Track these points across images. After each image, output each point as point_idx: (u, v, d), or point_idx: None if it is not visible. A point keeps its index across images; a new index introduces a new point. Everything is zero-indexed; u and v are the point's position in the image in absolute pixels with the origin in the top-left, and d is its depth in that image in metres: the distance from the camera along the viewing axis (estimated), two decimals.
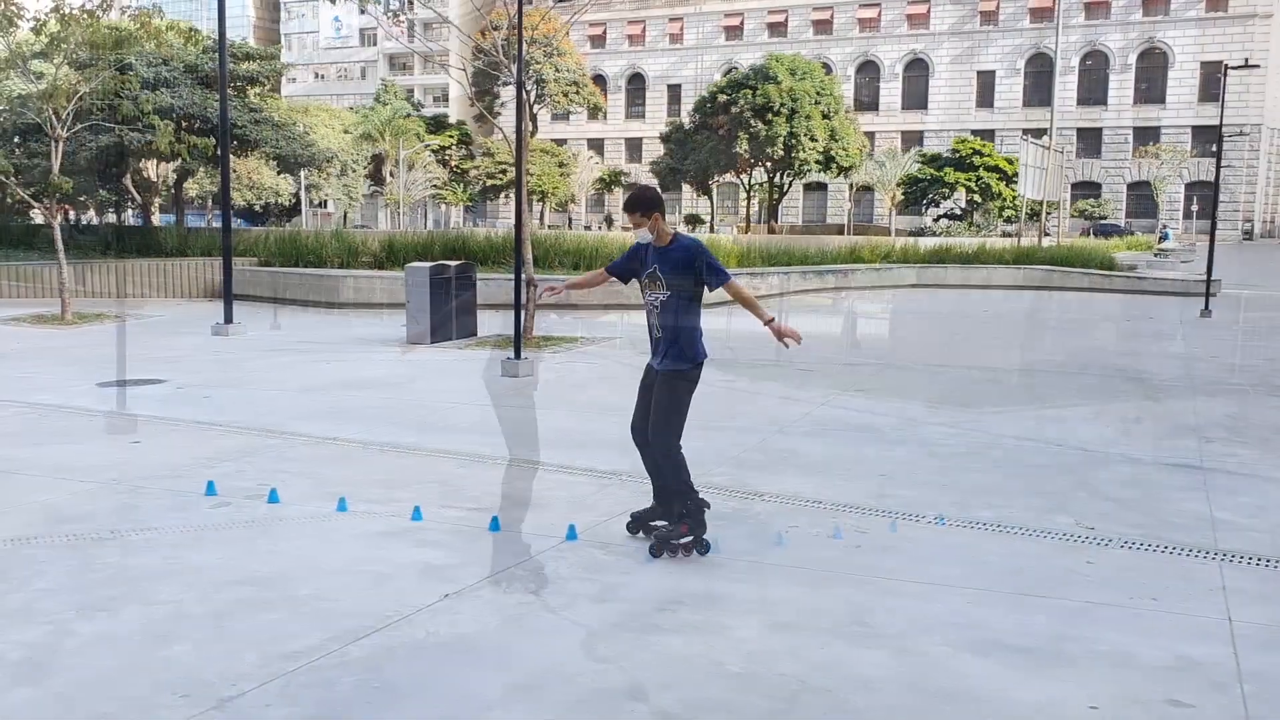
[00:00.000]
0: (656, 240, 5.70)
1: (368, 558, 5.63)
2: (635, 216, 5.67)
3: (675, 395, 5.75)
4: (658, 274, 5.66)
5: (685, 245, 5.72)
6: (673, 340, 5.71)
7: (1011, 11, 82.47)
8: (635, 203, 5.68)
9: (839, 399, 10.83)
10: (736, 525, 6.37)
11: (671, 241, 5.72)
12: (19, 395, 10.75)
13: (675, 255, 5.66)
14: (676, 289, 5.65)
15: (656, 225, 5.66)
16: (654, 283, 5.69)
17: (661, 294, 5.67)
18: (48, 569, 5.32)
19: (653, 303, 5.72)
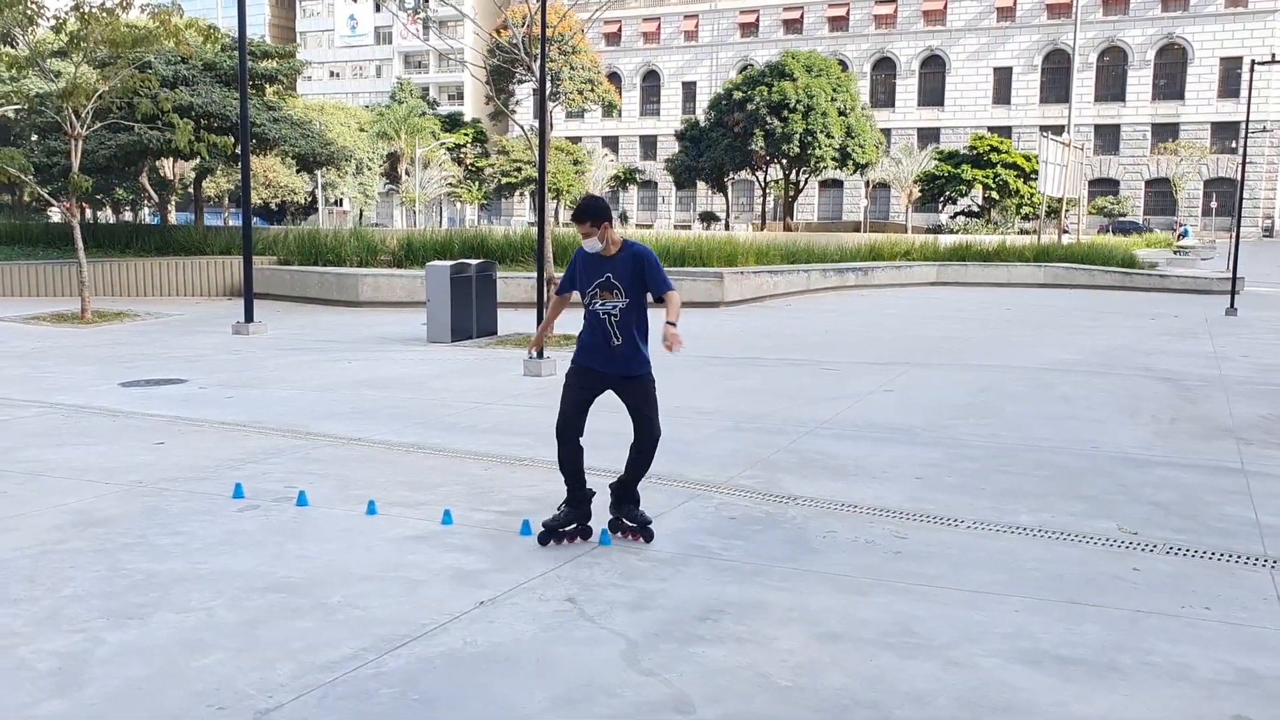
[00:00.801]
0: (605, 249, 5.72)
1: (399, 563, 5.53)
2: (585, 226, 5.67)
3: (654, 390, 5.98)
4: (613, 282, 5.69)
5: (636, 252, 5.74)
6: (635, 345, 5.78)
7: (1029, 7, 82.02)
8: (585, 213, 5.68)
9: (867, 399, 10.69)
10: (772, 530, 6.26)
11: (621, 249, 5.74)
12: (40, 395, 10.71)
13: (629, 262, 5.69)
14: (634, 295, 5.71)
15: (606, 234, 5.69)
16: (610, 291, 5.71)
17: (620, 301, 5.70)
18: (75, 575, 5.24)
19: (610, 310, 5.71)
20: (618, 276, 5.67)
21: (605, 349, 5.80)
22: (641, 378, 5.85)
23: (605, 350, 5.80)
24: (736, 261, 23.62)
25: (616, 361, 5.80)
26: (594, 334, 5.83)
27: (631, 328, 5.74)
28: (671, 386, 11.60)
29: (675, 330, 5.52)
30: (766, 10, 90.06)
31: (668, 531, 6.17)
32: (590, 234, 5.68)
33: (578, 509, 6.01)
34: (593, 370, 5.88)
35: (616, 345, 5.77)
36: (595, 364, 5.87)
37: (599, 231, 5.66)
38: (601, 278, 5.71)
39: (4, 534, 5.91)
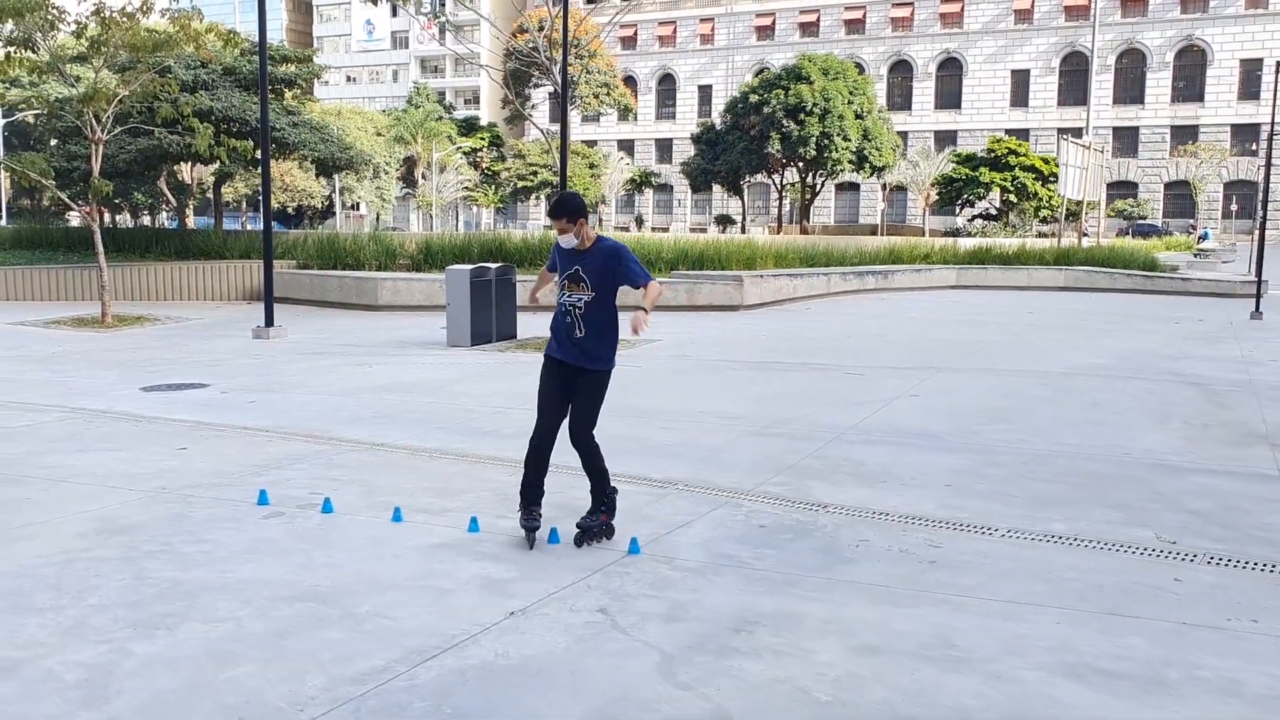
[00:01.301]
0: (580, 244, 5.87)
1: (427, 571, 5.46)
2: (561, 222, 5.81)
3: (601, 391, 6.02)
4: (581, 275, 5.85)
5: (609, 248, 5.90)
6: (597, 339, 5.91)
7: (1046, 10, 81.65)
8: (561, 209, 5.82)
9: (892, 404, 10.58)
10: (803, 538, 6.16)
11: (594, 245, 5.90)
12: (62, 400, 10.69)
13: (599, 258, 5.85)
14: (600, 290, 5.85)
15: (581, 230, 5.84)
16: (577, 284, 5.88)
17: (586, 295, 5.85)
18: (101, 583, 5.18)
19: (575, 303, 5.87)
20: (586, 271, 5.84)
21: (567, 340, 5.95)
22: (595, 374, 5.96)
23: (567, 341, 5.95)
24: (755, 265, 23.52)
25: (576, 353, 5.93)
26: (559, 325, 6.00)
27: (595, 323, 5.87)
28: (692, 390, 11.55)
29: (645, 314, 5.78)
30: (783, 13, 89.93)
31: (697, 540, 6.08)
32: (566, 230, 5.82)
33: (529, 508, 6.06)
34: (554, 359, 6.04)
35: (578, 337, 5.90)
36: (557, 353, 6.02)
37: (575, 227, 5.81)
38: (571, 270, 5.89)
39: (28, 541, 5.86)
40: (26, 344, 15.62)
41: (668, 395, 11.22)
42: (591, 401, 5.97)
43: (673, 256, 23.34)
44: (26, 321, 18.39)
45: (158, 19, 18.57)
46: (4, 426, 9.27)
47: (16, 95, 35.82)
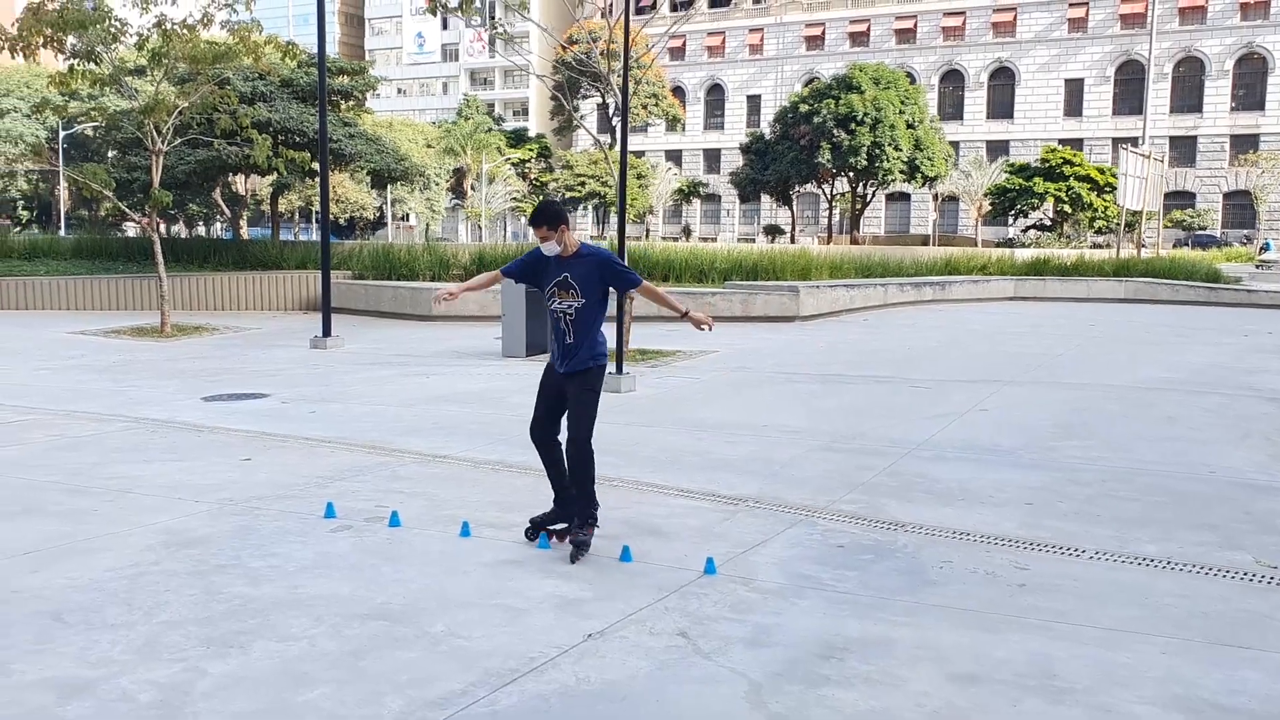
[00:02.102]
0: (564, 251, 5.92)
1: (498, 589, 5.32)
2: (543, 229, 5.85)
3: (594, 394, 6.03)
4: (570, 282, 5.89)
5: (594, 254, 5.97)
6: (588, 343, 5.94)
7: (1101, 18, 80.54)
8: (543, 216, 5.86)
9: (962, 419, 10.32)
10: (885, 559, 5.95)
11: (579, 251, 5.95)
12: (124, 410, 10.71)
13: (586, 264, 5.90)
14: (590, 295, 5.89)
15: (564, 236, 5.89)
16: (566, 291, 5.90)
17: (576, 301, 5.89)
18: (171, 598, 5.10)
19: (565, 310, 5.92)
20: (574, 277, 5.88)
21: (560, 346, 6.00)
22: (586, 372, 5.97)
23: (560, 347, 6.00)
24: (810, 275, 23.27)
25: (569, 358, 5.97)
26: (553, 332, 6.06)
27: (587, 328, 5.92)
28: (755, 403, 11.35)
29: (694, 314, 6.00)
30: (832, 23, 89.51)
31: (774, 560, 5.90)
32: (549, 237, 5.86)
33: (564, 509, 6.13)
34: (552, 367, 6.11)
35: (570, 344, 5.95)
36: (553, 360, 6.10)
37: (556, 234, 5.85)
38: (559, 277, 5.92)
39: (97, 554, 5.80)
40: (87, 353, 15.76)
41: (730, 408, 11.03)
42: (585, 399, 5.97)
43: (726, 267, 23.15)
44: (87, 330, 18.58)
45: (217, 31, 18.71)
46: (69, 436, 9.29)
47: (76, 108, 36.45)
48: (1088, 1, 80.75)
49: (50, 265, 24.44)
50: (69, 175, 19.96)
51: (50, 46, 17.68)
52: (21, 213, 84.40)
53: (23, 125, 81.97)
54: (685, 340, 17.08)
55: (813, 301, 20.57)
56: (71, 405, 10.97)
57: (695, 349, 16.02)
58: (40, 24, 17.17)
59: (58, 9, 17.28)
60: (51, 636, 4.59)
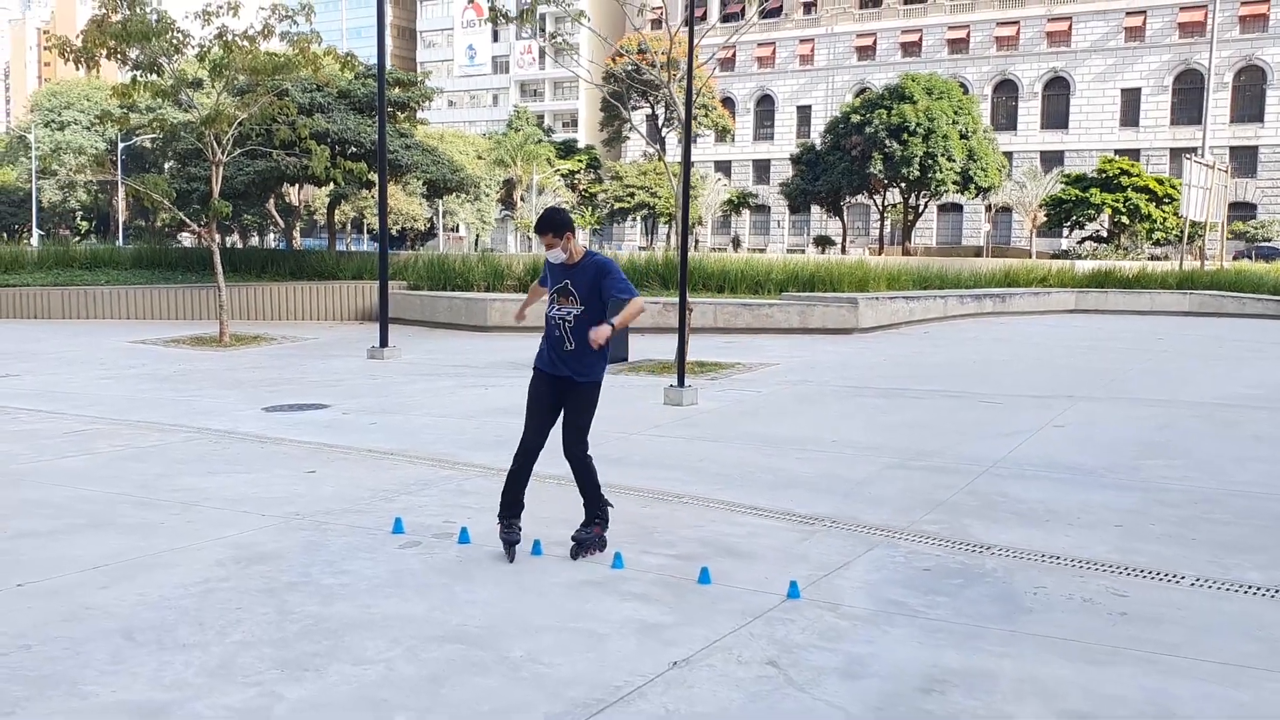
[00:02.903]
0: (569, 258, 5.96)
1: (576, 611, 5.14)
2: (549, 237, 5.89)
3: (592, 404, 6.08)
4: (570, 289, 5.93)
5: (596, 262, 5.98)
6: (587, 352, 5.93)
7: (1159, 27, 79.25)
8: (548, 224, 5.90)
9: (1039, 435, 10.01)
10: (974, 584, 5.69)
11: (583, 259, 5.99)
12: (187, 420, 10.69)
13: (588, 272, 5.93)
14: (589, 304, 5.91)
15: (569, 244, 5.92)
16: (567, 298, 5.95)
17: (575, 308, 5.92)
18: (243, 617, 4.96)
19: (564, 316, 5.94)
20: (575, 284, 5.93)
21: (558, 353, 6.00)
22: (585, 386, 6.01)
23: (558, 354, 6.00)
24: (868, 286, 22.94)
25: (566, 365, 5.98)
26: (549, 338, 6.04)
27: (585, 336, 5.88)
28: (822, 418, 11.08)
29: (605, 329, 5.80)
30: (884, 33, 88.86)
31: (859, 584, 5.66)
32: (554, 244, 5.90)
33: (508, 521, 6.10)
34: (544, 373, 6.09)
35: (568, 350, 5.96)
36: (546, 366, 6.08)
37: (561, 242, 5.88)
38: (561, 284, 5.97)
39: (167, 569, 5.70)
40: (148, 362, 15.85)
41: (797, 423, 10.79)
42: (582, 415, 6.02)
43: (782, 278, 22.89)
44: (147, 340, 18.72)
45: (276, 43, 18.81)
46: (134, 447, 9.26)
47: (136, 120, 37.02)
48: (1145, 10, 79.52)
49: (110, 275, 24.73)
50: (130, 186, 20.13)
51: (113, 58, 17.87)
52: (81, 223, 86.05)
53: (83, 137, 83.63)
54: (743, 352, 16.87)
55: (872, 314, 20.25)
56: (134, 415, 10.98)
57: (754, 361, 15.79)
58: (104, 36, 17.36)
59: (121, 21, 17.46)
60: (124, 656, 4.47)
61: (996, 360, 16.38)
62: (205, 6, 17.62)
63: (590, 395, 6.04)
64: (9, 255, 27.03)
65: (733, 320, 19.96)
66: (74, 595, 5.25)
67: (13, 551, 6.01)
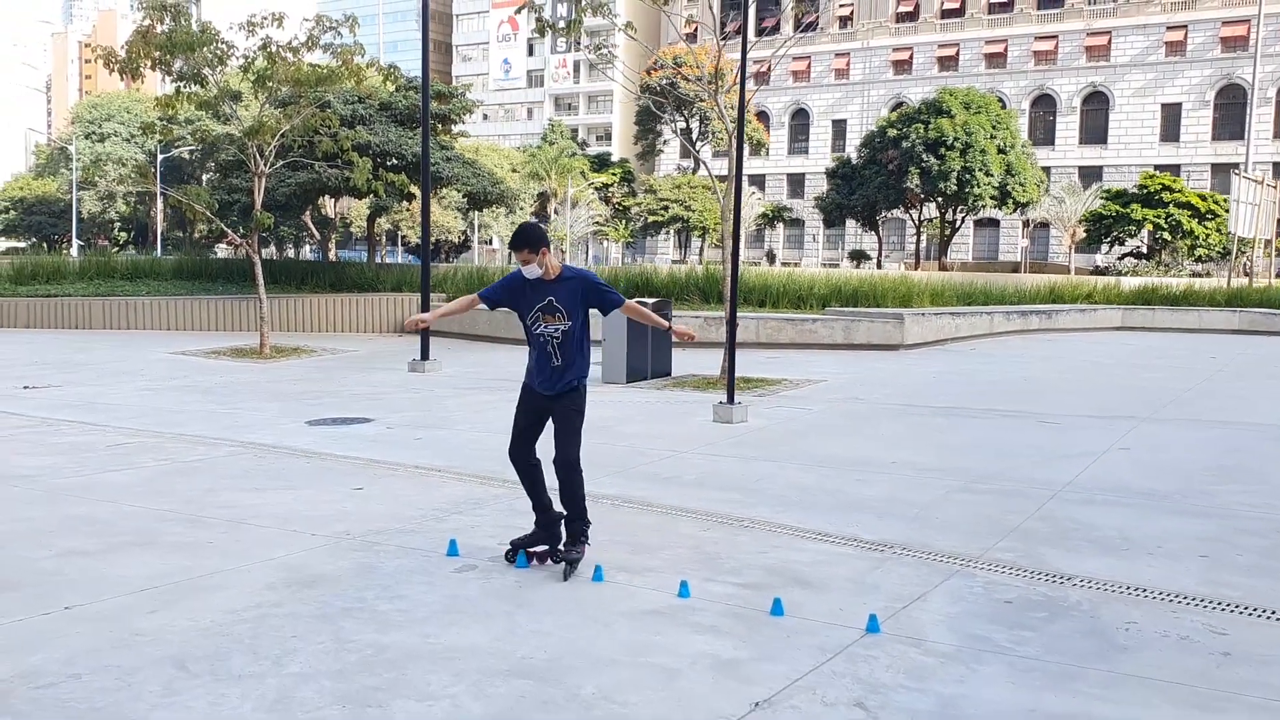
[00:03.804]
0: (546, 274, 5.82)
1: (646, 644, 4.88)
2: (525, 253, 5.76)
3: (580, 413, 6.00)
4: (555, 305, 5.83)
5: (578, 275, 5.92)
6: (571, 365, 5.90)
7: (1201, 41, 78.32)
8: (524, 239, 5.78)
9: (1105, 458, 9.66)
10: (1061, 618, 5.39)
11: (562, 274, 5.88)
12: (230, 434, 10.55)
13: (571, 286, 5.84)
14: (576, 318, 5.85)
15: (545, 259, 5.79)
16: (553, 315, 5.85)
17: (564, 324, 5.84)
18: (299, 646, 4.75)
19: (552, 333, 5.85)
20: (560, 300, 5.82)
21: (547, 369, 5.93)
22: (572, 392, 5.95)
23: (546, 370, 5.93)
24: (912, 302, 22.59)
25: (554, 381, 5.92)
26: (537, 356, 5.97)
27: (573, 349, 5.87)
28: (878, 437, 10.76)
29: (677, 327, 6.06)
30: (920, 48, 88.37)
31: (940, 617, 5.37)
32: (530, 260, 5.77)
33: (545, 530, 6.11)
34: (535, 390, 6.03)
35: (556, 366, 5.90)
36: (536, 384, 6.02)
37: (538, 257, 5.76)
38: (543, 301, 5.84)
39: (217, 592, 5.50)
40: (189, 374, 15.77)
41: (852, 442, 10.50)
42: (571, 419, 5.94)
43: (825, 292, 22.58)
44: (187, 351, 18.68)
45: (319, 54, 18.77)
46: (179, 461, 9.11)
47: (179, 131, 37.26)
48: (1186, 24, 78.64)
49: (151, 285, 24.79)
50: (172, 197, 20.15)
51: (158, 69, 17.88)
52: (119, 234, 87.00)
53: (123, 149, 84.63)
54: (788, 368, 16.58)
55: (917, 330, 19.91)
56: (177, 428, 10.85)
57: (801, 377, 15.50)
58: (149, 47, 17.37)
59: (166, 32, 17.47)
60: (177, 688, 4.26)
61: (1049, 379, 16.00)
62: (249, 18, 17.60)
63: (579, 400, 5.98)
64: (51, 265, 27.21)
65: (775, 335, 19.68)
66: (123, 619, 5.05)
67: (59, 571, 5.84)
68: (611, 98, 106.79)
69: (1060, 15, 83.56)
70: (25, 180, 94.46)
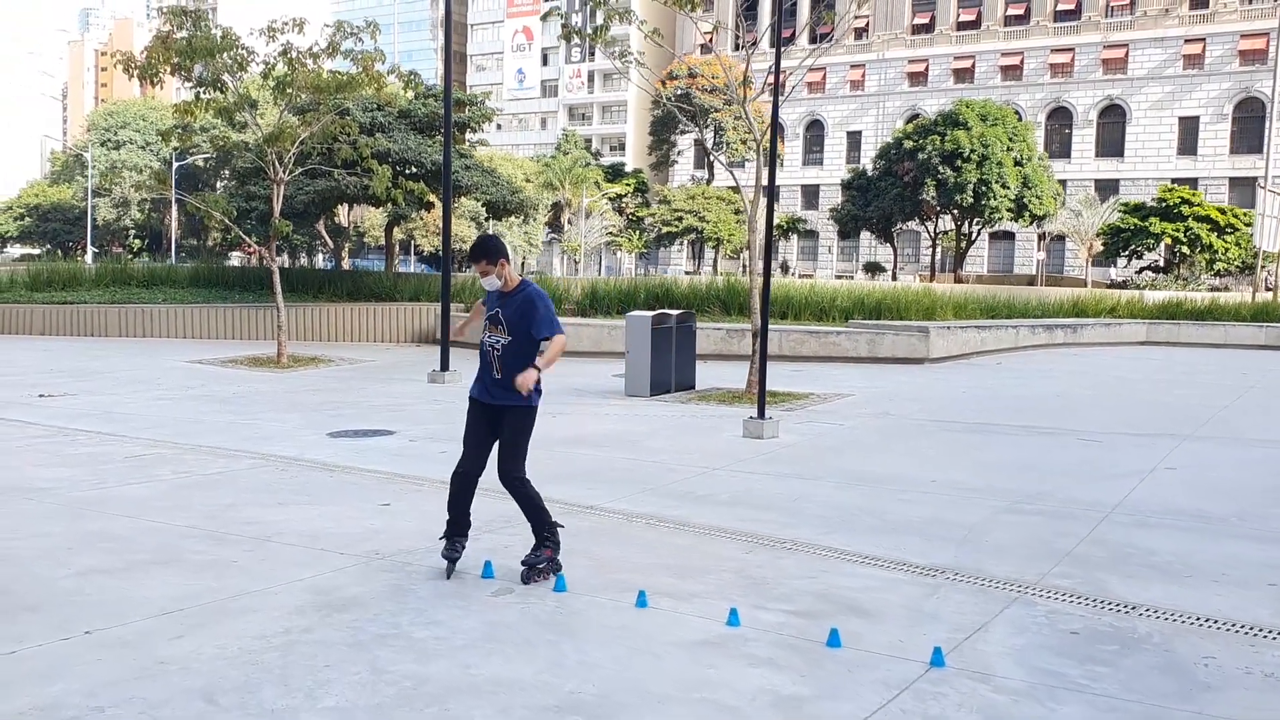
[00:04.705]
0: (503, 285, 5.87)
1: (701, 679, 4.60)
2: (482, 264, 5.82)
3: (527, 428, 6.01)
4: (500, 318, 5.87)
5: (527, 295, 5.88)
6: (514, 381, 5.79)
7: (1219, 55, 77.90)
8: (481, 251, 5.83)
9: (1152, 478, 9.35)
10: (1134, 652, 5.09)
11: (517, 289, 5.90)
12: (250, 445, 10.30)
13: (518, 302, 5.85)
14: (516, 334, 5.84)
15: (503, 271, 5.82)
16: (496, 326, 5.89)
17: (504, 338, 5.86)
18: (333, 677, 4.48)
19: (494, 344, 5.89)
20: (505, 314, 5.86)
21: (488, 380, 5.96)
22: (517, 410, 5.92)
23: (488, 381, 5.96)
24: (935, 315, 22.29)
25: (496, 393, 5.93)
26: (481, 366, 6.01)
27: (514, 364, 5.82)
28: (914, 455, 10.42)
29: (534, 373, 5.74)
30: (936, 59, 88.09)
31: (1005, 649, 5.08)
32: (488, 272, 5.82)
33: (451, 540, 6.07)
34: (477, 401, 6.07)
35: (497, 378, 5.90)
36: (478, 394, 6.05)
37: (495, 269, 5.79)
38: (492, 312, 5.92)
39: (244, 616, 5.24)
40: (206, 383, 15.55)
41: (888, 459, 10.21)
42: (517, 438, 5.95)
43: (847, 305, 22.30)
44: (204, 359, 18.47)
45: (339, 61, 18.57)
46: (198, 473, 8.86)
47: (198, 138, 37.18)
48: (1205, 38, 78.25)
49: (167, 293, 24.61)
50: (191, 204, 19.98)
51: (177, 74, 17.70)
52: (134, 241, 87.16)
53: (138, 156, 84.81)
54: (814, 382, 16.30)
55: (943, 343, 19.61)
56: (196, 439, 10.61)
57: (828, 391, 15.21)
58: (169, 52, 17.19)
59: (186, 37, 17.29)
60: None
61: (1081, 394, 15.68)
62: (270, 23, 17.42)
63: (524, 419, 5.95)
64: (66, 272, 27.07)
65: (798, 348, 19.39)
66: (147, 645, 4.79)
67: (79, 591, 5.59)
68: (625, 108, 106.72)
69: (1077, 28, 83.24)
70: (41, 187, 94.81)
